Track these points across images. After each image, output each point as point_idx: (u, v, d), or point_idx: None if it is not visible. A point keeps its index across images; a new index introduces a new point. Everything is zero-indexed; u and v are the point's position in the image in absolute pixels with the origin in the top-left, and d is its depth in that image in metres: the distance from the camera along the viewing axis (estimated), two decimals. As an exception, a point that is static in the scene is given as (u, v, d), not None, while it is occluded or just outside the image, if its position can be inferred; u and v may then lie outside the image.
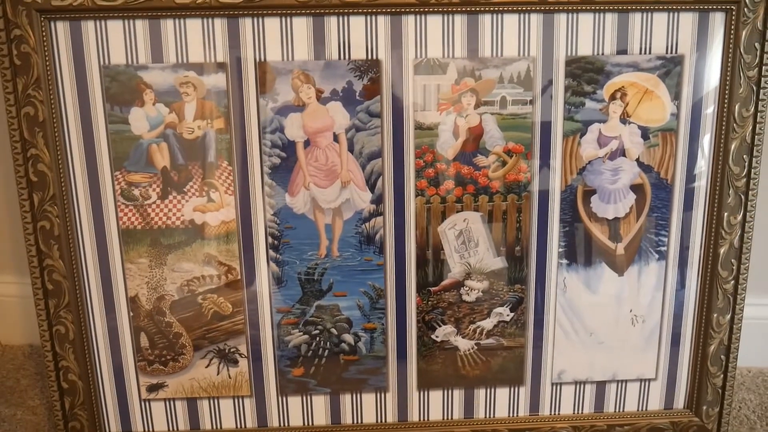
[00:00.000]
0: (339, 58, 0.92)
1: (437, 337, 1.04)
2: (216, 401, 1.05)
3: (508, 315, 1.03)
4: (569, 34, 0.93)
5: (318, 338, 1.03)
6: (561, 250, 1.01)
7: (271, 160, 0.96)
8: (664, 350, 1.06)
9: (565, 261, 1.02)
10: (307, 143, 0.96)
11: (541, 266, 1.02)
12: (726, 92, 0.94)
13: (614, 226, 1.01)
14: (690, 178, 0.99)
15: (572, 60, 0.94)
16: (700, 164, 0.98)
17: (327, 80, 0.93)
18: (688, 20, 0.93)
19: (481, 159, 0.97)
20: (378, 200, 0.98)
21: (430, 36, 0.92)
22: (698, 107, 0.96)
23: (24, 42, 0.88)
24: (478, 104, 0.95)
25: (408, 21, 0.91)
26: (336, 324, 1.03)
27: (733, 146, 0.96)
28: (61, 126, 0.92)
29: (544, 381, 1.07)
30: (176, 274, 0.99)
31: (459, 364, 1.05)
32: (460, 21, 0.91)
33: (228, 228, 0.98)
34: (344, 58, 0.92)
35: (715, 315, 1.02)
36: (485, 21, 0.92)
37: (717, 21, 0.93)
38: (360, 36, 0.91)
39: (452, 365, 1.05)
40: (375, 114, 0.95)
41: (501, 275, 1.02)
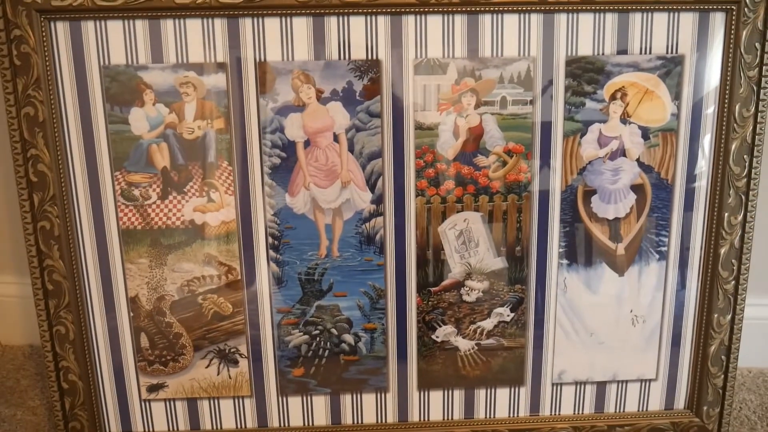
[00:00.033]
0: (339, 58, 0.92)
1: (437, 338, 1.04)
2: (216, 401, 1.05)
3: (509, 315, 1.03)
4: (569, 34, 0.93)
5: (318, 338, 1.03)
6: (561, 251, 1.01)
7: (271, 160, 0.96)
8: (665, 350, 1.06)
9: (566, 261, 1.02)
10: (308, 143, 0.96)
11: (542, 266, 1.02)
12: (726, 92, 0.94)
13: (615, 227, 1.01)
14: (690, 179, 0.99)
15: (572, 60, 0.94)
16: (701, 164, 0.98)
17: (327, 80, 0.93)
18: (689, 20, 0.93)
19: (482, 159, 0.97)
20: (378, 200, 0.98)
21: (431, 36, 0.92)
22: (699, 107, 0.96)
23: (24, 42, 0.88)
24: (479, 104, 0.95)
25: (408, 21, 0.91)
26: (336, 324, 1.03)
27: (734, 146, 0.95)
28: (61, 126, 0.92)
29: (545, 381, 1.07)
30: (176, 275, 0.99)
31: (459, 365, 1.05)
32: (461, 21, 0.91)
33: (228, 228, 0.98)
34: (344, 58, 0.92)
35: (716, 315, 1.02)
36: (485, 21, 0.92)
37: (717, 21, 0.92)
38: (360, 36, 0.91)
39: (452, 365, 1.05)
40: (375, 114, 0.95)
41: (501, 275, 1.02)
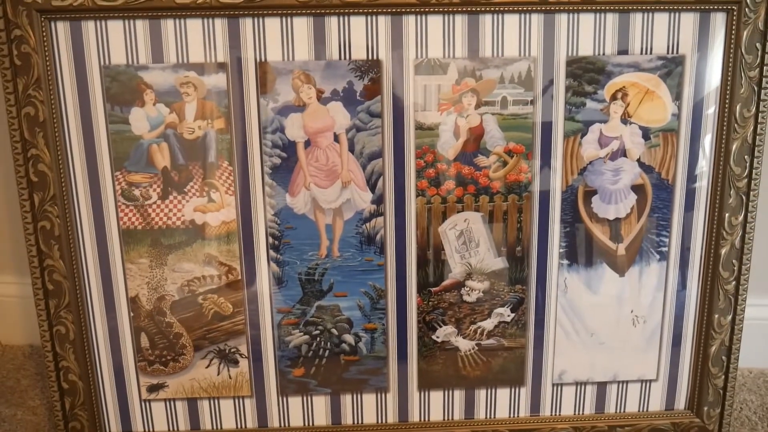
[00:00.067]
0: (339, 58, 0.92)
1: (438, 338, 1.04)
2: (216, 401, 1.05)
3: (509, 315, 1.03)
4: (570, 35, 0.93)
5: (318, 338, 1.03)
6: (562, 251, 1.01)
7: (272, 161, 0.96)
8: (665, 351, 1.06)
9: (566, 261, 1.02)
10: (308, 143, 0.96)
11: (542, 267, 1.02)
12: (727, 92, 0.94)
13: (615, 227, 1.01)
14: (691, 179, 0.99)
15: (573, 60, 0.94)
16: (701, 165, 0.98)
17: (327, 80, 0.93)
18: (689, 20, 0.93)
19: (482, 159, 0.97)
20: (379, 200, 0.98)
21: (431, 36, 0.92)
22: (699, 107, 0.96)
23: (24, 42, 0.88)
24: (479, 104, 0.95)
25: (409, 21, 0.91)
26: (336, 324, 1.02)
27: (735, 147, 0.95)
28: (62, 126, 0.92)
29: (545, 382, 1.06)
30: (177, 275, 0.99)
31: (460, 365, 1.05)
32: (461, 21, 0.91)
33: (228, 228, 0.98)
34: (345, 58, 0.92)
35: (716, 316, 1.02)
36: (486, 21, 0.92)
37: (718, 21, 0.92)
38: (361, 36, 0.91)
39: (453, 366, 1.05)
40: (376, 114, 0.95)
41: (502, 275, 1.02)
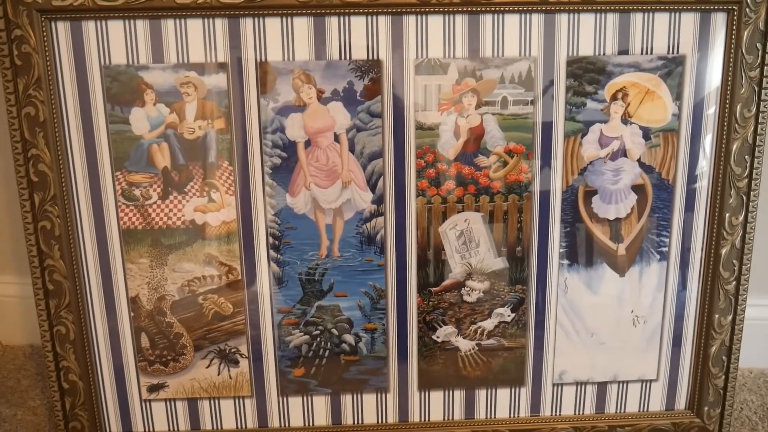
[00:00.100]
0: (340, 58, 0.92)
1: (438, 338, 1.04)
2: (216, 401, 1.05)
3: (509, 315, 1.03)
4: (570, 35, 0.93)
5: (319, 338, 1.03)
6: (562, 251, 1.01)
7: (272, 161, 0.96)
8: (666, 351, 1.06)
9: (566, 261, 1.02)
10: (308, 143, 0.96)
11: (542, 267, 1.02)
12: (727, 93, 0.94)
13: (615, 227, 1.01)
14: (691, 179, 0.99)
15: (573, 60, 0.94)
16: (702, 165, 0.98)
17: (328, 80, 0.93)
18: (690, 20, 0.93)
19: (482, 159, 0.97)
20: (379, 200, 0.98)
21: (431, 36, 0.92)
22: (700, 107, 0.96)
23: (25, 42, 0.88)
24: (479, 104, 0.95)
25: (409, 21, 0.91)
26: (337, 324, 1.02)
27: (735, 147, 0.95)
28: (62, 126, 0.92)
29: (545, 382, 1.06)
30: (177, 275, 0.99)
31: (460, 365, 1.05)
32: (461, 21, 0.91)
33: (229, 228, 0.98)
34: (345, 59, 0.92)
35: (717, 316, 1.02)
36: (486, 21, 0.92)
37: (718, 21, 0.92)
38: (361, 36, 0.91)
39: (453, 366, 1.05)
40: (376, 114, 0.95)
41: (502, 276, 1.02)
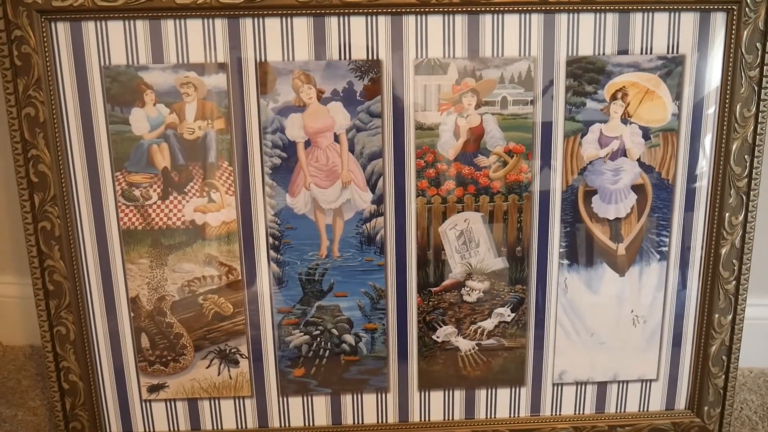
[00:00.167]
0: (340, 59, 0.92)
1: (438, 338, 1.04)
2: (217, 402, 1.05)
3: (509, 315, 1.03)
4: (570, 34, 0.93)
5: (319, 339, 1.03)
6: (562, 251, 1.01)
7: (272, 161, 0.96)
8: (666, 351, 1.06)
9: (566, 261, 1.02)
10: (308, 143, 0.96)
11: (542, 266, 1.02)
12: (727, 92, 0.94)
13: (615, 227, 1.01)
14: (691, 179, 0.99)
15: (573, 60, 0.94)
16: (702, 164, 0.98)
17: (328, 80, 0.93)
18: (689, 20, 0.93)
19: (482, 159, 0.97)
20: (379, 200, 0.98)
21: (431, 36, 0.92)
22: (699, 107, 0.96)
23: (25, 43, 0.88)
24: (479, 104, 0.95)
25: (409, 21, 0.91)
26: (337, 324, 1.03)
27: (735, 146, 0.95)
28: (62, 127, 0.92)
29: (545, 381, 1.06)
30: (177, 275, 0.99)
31: (460, 365, 1.05)
32: (461, 21, 0.91)
33: (229, 228, 0.98)
34: (345, 59, 0.92)
35: (717, 315, 1.02)
36: (486, 21, 0.92)
37: (718, 21, 0.92)
38: (361, 36, 0.91)
39: (453, 366, 1.05)
40: (376, 114, 0.95)
41: (502, 275, 1.02)
